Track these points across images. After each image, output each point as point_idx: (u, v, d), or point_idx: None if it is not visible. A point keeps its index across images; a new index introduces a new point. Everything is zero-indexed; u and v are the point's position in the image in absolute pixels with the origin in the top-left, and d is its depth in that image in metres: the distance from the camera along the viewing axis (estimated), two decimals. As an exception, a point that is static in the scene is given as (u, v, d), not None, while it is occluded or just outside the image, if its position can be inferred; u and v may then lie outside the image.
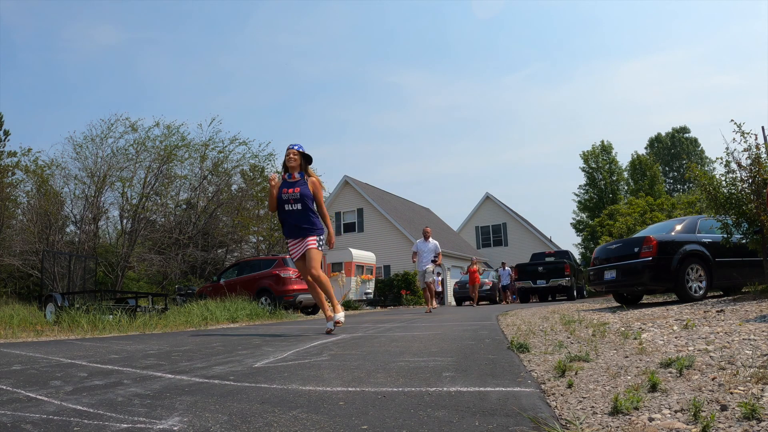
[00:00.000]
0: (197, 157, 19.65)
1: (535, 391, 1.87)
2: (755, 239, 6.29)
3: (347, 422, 1.52)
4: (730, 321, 3.68)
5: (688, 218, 7.72)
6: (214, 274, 16.06)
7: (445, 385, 2.00)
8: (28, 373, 2.63)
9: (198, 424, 1.54)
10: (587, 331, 3.91)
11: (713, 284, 6.93)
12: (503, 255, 28.25)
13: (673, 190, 43.29)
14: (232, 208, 19.80)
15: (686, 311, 4.96)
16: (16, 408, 1.80)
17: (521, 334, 3.89)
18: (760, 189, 6.06)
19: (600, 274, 7.43)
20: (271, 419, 1.58)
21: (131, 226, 18.22)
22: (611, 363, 2.38)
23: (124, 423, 1.57)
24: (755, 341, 2.63)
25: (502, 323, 5.36)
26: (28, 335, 5.89)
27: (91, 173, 17.84)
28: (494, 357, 2.75)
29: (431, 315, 8.52)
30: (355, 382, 2.14)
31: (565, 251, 19.15)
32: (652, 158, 36.24)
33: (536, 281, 15.79)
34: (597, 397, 1.76)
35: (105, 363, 3.00)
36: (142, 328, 6.46)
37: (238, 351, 3.49)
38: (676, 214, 19.23)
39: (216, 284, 12.25)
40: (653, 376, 1.85)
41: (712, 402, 1.57)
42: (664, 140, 46.43)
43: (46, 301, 9.80)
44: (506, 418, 1.51)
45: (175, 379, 2.33)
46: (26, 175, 18.48)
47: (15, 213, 19.14)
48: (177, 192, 20.38)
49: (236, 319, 8.36)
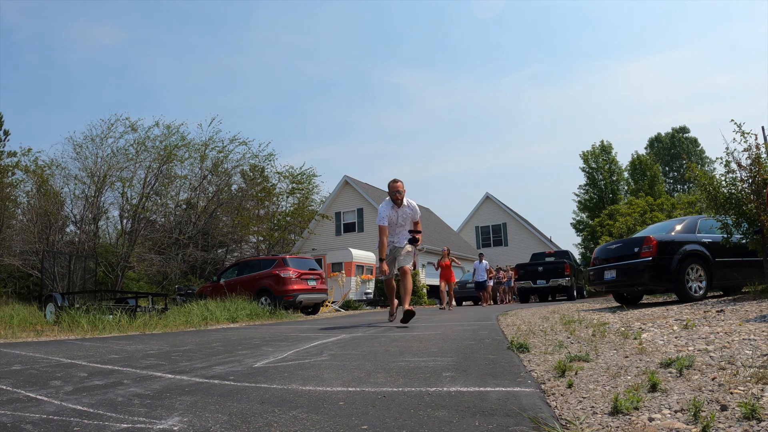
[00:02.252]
0: (197, 157, 19.65)
1: (535, 391, 1.86)
2: (755, 239, 6.29)
3: (347, 422, 1.52)
4: (730, 321, 3.68)
5: (688, 218, 7.72)
6: (214, 274, 16.05)
7: (445, 385, 2.00)
8: (28, 373, 2.63)
9: (198, 424, 1.54)
10: (587, 331, 3.91)
11: (713, 284, 6.93)
12: (503, 255, 28.25)
13: (673, 190, 43.29)
14: (232, 208, 19.79)
15: (686, 311, 4.96)
16: (16, 408, 1.80)
17: (521, 334, 3.89)
18: (760, 189, 6.06)
19: (600, 274, 7.42)
20: (271, 419, 1.58)
21: (131, 226, 18.21)
22: (611, 363, 2.38)
23: (124, 423, 1.57)
24: (755, 341, 2.63)
25: (502, 323, 5.36)
26: (28, 335, 5.89)
27: (91, 173, 17.84)
28: (494, 357, 2.75)
29: (432, 316, 8.43)
30: (355, 382, 2.14)
31: (565, 251, 19.14)
32: (652, 158, 36.22)
33: (536, 281, 15.78)
34: (597, 397, 1.75)
35: (105, 363, 3.00)
36: (142, 328, 6.46)
37: (238, 351, 3.49)
38: (676, 214, 19.24)
39: (216, 284, 12.25)
40: (653, 376, 1.85)
41: (712, 402, 1.57)
42: (664, 140, 46.43)
43: (46, 301, 9.80)
44: (506, 418, 1.51)
45: (175, 379, 2.33)
46: (26, 175, 18.47)
47: (15, 213, 19.13)
48: (177, 192, 20.39)
49: (236, 319, 8.36)
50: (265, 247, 21.16)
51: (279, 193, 22.53)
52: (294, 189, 23.12)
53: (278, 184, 22.64)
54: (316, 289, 11.74)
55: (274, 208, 22.45)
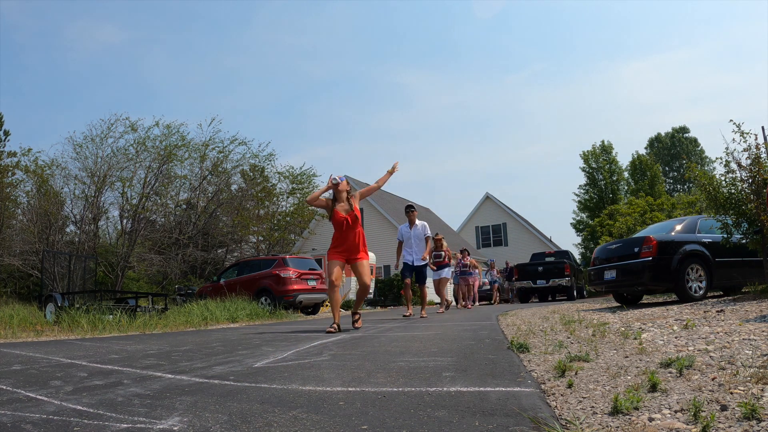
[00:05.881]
0: (197, 157, 19.65)
1: (535, 391, 1.86)
2: (755, 239, 6.29)
3: (347, 422, 1.52)
4: (730, 321, 3.68)
5: (688, 218, 7.72)
6: (214, 274, 16.06)
7: (445, 385, 2.00)
8: (28, 373, 2.63)
9: (198, 424, 1.54)
10: (587, 331, 3.91)
11: (713, 284, 6.93)
12: (503, 255, 28.24)
13: (673, 190, 43.30)
14: (232, 208, 19.79)
15: (686, 311, 4.96)
16: (16, 408, 1.80)
17: (521, 334, 3.89)
18: (760, 189, 6.06)
19: (600, 274, 7.43)
20: (271, 419, 1.58)
21: (131, 226, 18.22)
22: (611, 363, 2.38)
23: (124, 423, 1.57)
24: (755, 341, 2.63)
25: (502, 323, 5.36)
26: (28, 335, 5.89)
27: (91, 173, 17.85)
28: (494, 357, 2.75)
29: (433, 315, 8.41)
30: (355, 382, 2.14)
31: (565, 251, 19.13)
32: (652, 158, 36.24)
33: (536, 281, 15.78)
34: (597, 397, 1.76)
35: (105, 363, 3.00)
36: (142, 328, 6.46)
37: (238, 351, 3.49)
38: (676, 214, 19.24)
39: (216, 284, 12.25)
40: (653, 376, 1.85)
41: (712, 402, 1.57)
42: (664, 140, 46.44)
43: (46, 301, 9.81)
44: (506, 418, 1.51)
45: (175, 379, 2.33)
46: (26, 175, 18.48)
47: (15, 213, 19.14)
48: (177, 192, 20.40)
49: (236, 319, 8.36)
50: (265, 247, 21.16)
51: (279, 193, 22.54)
52: (294, 189, 23.12)
53: (278, 184, 22.66)
54: (316, 289, 11.74)
55: (274, 208, 22.45)
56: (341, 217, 5.08)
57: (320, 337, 4.34)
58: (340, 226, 5.11)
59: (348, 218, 5.09)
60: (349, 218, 5.10)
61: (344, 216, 5.08)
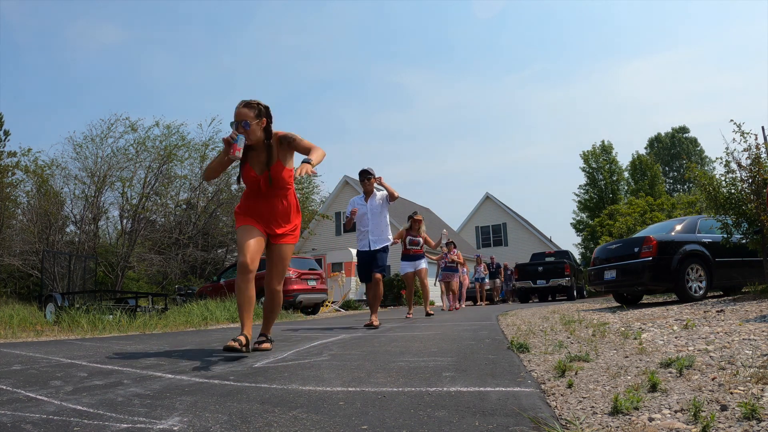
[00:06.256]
0: (197, 157, 19.63)
1: (535, 391, 1.86)
2: (755, 239, 6.29)
3: (347, 422, 1.52)
4: (730, 321, 3.68)
5: (688, 218, 7.72)
6: (214, 274, 16.05)
7: (445, 385, 2.00)
8: (28, 373, 2.62)
9: (198, 424, 1.54)
10: (587, 331, 3.91)
11: (713, 284, 6.93)
12: (503, 255, 28.23)
13: (673, 190, 43.30)
14: (232, 208, 19.78)
15: (686, 311, 4.96)
16: (16, 408, 1.80)
17: (521, 334, 3.89)
18: (760, 189, 6.06)
19: (600, 274, 7.43)
20: (271, 419, 1.58)
21: (131, 226, 18.21)
22: (611, 363, 2.38)
23: (124, 423, 1.57)
24: (755, 341, 2.63)
25: (502, 323, 5.36)
26: (28, 335, 5.89)
27: (91, 173, 17.83)
28: (494, 357, 2.75)
29: (433, 315, 8.35)
30: (355, 382, 2.14)
31: (565, 251, 19.13)
32: (652, 158, 36.24)
33: (536, 281, 15.78)
34: (597, 397, 1.75)
35: (105, 363, 3.00)
36: (142, 328, 6.46)
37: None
38: (676, 214, 19.25)
39: (216, 284, 12.25)
40: (653, 376, 1.85)
41: (712, 402, 1.57)
42: (664, 140, 46.45)
43: (46, 301, 9.80)
44: (506, 418, 1.51)
45: (175, 379, 2.33)
46: (26, 175, 18.47)
47: (15, 213, 19.13)
48: (177, 192, 20.37)
49: (236, 319, 8.36)
50: (265, 247, 21.11)
51: (279, 193, 22.48)
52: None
53: (278, 184, 22.60)
54: (316, 289, 11.74)
55: (274, 208, 22.41)
56: (254, 177, 3.27)
57: (320, 337, 4.34)
58: (253, 188, 3.33)
59: (261, 180, 3.24)
60: (261, 180, 3.24)
61: (257, 176, 3.26)
